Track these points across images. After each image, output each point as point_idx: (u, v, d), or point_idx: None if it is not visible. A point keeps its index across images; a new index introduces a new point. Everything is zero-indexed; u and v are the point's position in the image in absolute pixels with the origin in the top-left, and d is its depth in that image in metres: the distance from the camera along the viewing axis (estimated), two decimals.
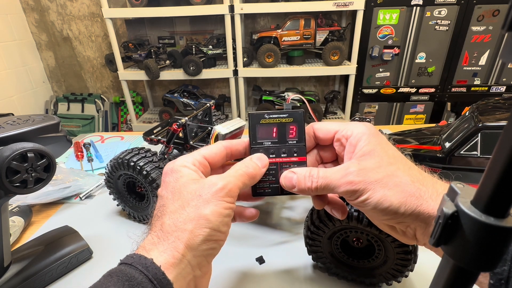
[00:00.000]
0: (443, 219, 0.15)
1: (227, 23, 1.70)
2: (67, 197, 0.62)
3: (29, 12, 2.13)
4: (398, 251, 0.35)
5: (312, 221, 0.38)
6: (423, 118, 2.00)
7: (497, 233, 0.14)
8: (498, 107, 0.51)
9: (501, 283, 0.17)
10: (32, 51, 2.21)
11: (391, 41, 1.79)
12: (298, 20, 1.75)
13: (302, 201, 0.59)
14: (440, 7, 1.69)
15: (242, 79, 1.88)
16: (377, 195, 0.25)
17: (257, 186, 0.31)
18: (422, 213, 0.25)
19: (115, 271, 0.24)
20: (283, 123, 0.31)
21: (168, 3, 1.83)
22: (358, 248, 0.39)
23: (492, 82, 1.86)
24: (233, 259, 0.46)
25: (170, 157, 0.60)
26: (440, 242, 0.15)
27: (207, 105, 0.62)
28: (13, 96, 2.02)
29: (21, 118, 0.37)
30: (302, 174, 0.28)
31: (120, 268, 0.24)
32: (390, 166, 0.26)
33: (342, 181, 0.26)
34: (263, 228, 0.53)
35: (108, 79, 2.33)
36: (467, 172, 0.49)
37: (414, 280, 0.41)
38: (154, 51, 1.87)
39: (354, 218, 0.34)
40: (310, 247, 0.41)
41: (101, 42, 2.21)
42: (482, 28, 1.72)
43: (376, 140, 0.28)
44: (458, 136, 0.49)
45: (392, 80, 1.91)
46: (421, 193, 0.25)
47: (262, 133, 0.31)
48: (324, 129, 0.31)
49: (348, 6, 1.63)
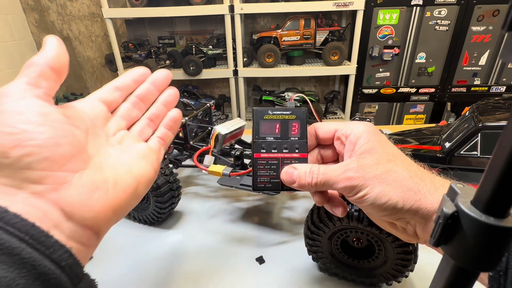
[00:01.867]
0: (443, 219, 0.15)
1: (227, 23, 1.70)
2: None
3: (29, 12, 2.13)
4: (398, 251, 0.35)
5: (312, 221, 0.38)
6: (423, 118, 2.00)
7: (497, 233, 0.14)
8: (498, 107, 0.51)
9: (500, 275, 0.17)
10: (32, 51, 2.21)
11: (391, 41, 1.79)
12: (298, 20, 1.75)
13: (302, 201, 0.60)
14: (440, 7, 1.69)
15: (242, 79, 1.88)
16: (376, 190, 0.25)
17: (258, 181, 0.31)
18: (421, 208, 0.25)
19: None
20: (286, 120, 0.31)
21: (168, 3, 1.83)
22: (358, 248, 0.39)
23: (492, 82, 1.86)
24: (233, 259, 0.46)
25: (170, 157, 0.60)
26: (440, 242, 0.15)
27: (207, 105, 0.62)
28: None
29: None
30: (303, 170, 0.29)
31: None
32: (388, 163, 0.26)
33: (341, 177, 0.27)
34: (263, 228, 0.53)
35: (108, 79, 2.33)
36: (467, 172, 0.49)
37: (414, 280, 0.41)
38: (154, 51, 1.87)
39: (355, 218, 0.34)
40: (310, 247, 0.41)
41: (101, 42, 2.21)
42: (482, 28, 1.72)
43: (376, 138, 0.28)
44: (458, 136, 0.49)
45: (392, 80, 1.91)
46: (420, 187, 0.25)
47: (265, 128, 0.31)
48: (325, 128, 0.31)
49: (348, 6, 1.63)
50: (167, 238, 0.52)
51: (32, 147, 0.20)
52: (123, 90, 0.29)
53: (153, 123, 0.31)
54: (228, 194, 0.62)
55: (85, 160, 0.23)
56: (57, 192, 0.21)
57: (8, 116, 0.20)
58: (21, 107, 0.21)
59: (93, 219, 0.22)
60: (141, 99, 0.30)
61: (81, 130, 0.24)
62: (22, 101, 0.21)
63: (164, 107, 0.31)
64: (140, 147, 0.28)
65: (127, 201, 0.24)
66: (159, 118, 0.31)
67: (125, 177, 0.25)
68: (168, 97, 0.32)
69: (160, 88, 0.31)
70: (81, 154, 0.23)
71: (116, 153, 0.26)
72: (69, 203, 0.21)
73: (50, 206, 0.20)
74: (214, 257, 0.47)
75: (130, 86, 0.30)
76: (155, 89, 0.31)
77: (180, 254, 0.48)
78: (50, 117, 0.21)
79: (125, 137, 0.28)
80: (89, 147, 0.24)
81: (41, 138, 0.20)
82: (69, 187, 0.21)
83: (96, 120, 0.26)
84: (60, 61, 0.23)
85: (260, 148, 0.31)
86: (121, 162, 0.25)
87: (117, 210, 0.24)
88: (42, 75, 0.23)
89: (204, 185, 0.66)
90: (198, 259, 0.47)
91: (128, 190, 0.24)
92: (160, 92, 0.31)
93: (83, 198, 0.21)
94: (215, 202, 0.60)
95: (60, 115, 0.22)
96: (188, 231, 0.53)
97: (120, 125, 0.29)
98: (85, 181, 0.22)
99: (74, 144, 0.22)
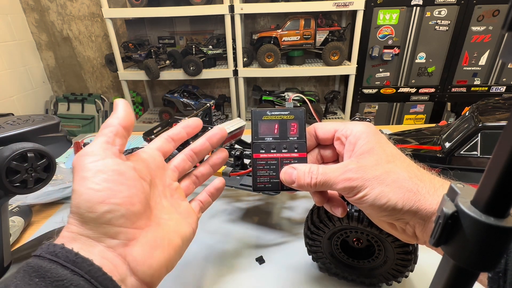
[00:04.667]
0: (443, 219, 0.15)
1: (227, 23, 1.70)
2: (67, 197, 0.62)
3: (29, 12, 2.13)
4: (398, 252, 0.35)
5: (312, 221, 0.38)
6: (423, 118, 2.00)
7: (497, 233, 0.14)
8: (498, 107, 0.51)
9: (499, 276, 0.17)
10: (32, 51, 2.21)
11: (391, 41, 1.79)
12: (298, 20, 1.75)
13: (302, 201, 0.59)
14: (440, 7, 1.70)
15: (242, 79, 1.88)
16: (375, 191, 0.25)
17: (258, 181, 0.31)
18: (420, 209, 0.25)
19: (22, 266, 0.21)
20: (284, 120, 0.32)
21: (168, 3, 1.83)
22: (358, 249, 0.39)
23: (492, 82, 1.86)
24: (233, 259, 0.46)
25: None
26: (440, 242, 0.15)
27: (207, 105, 0.62)
28: (13, 96, 2.02)
29: (21, 118, 0.37)
30: (302, 170, 0.29)
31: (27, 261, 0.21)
32: (388, 163, 0.26)
33: (340, 177, 0.26)
34: (263, 228, 0.53)
35: (108, 79, 2.33)
36: (467, 172, 0.49)
37: (414, 280, 0.41)
38: (154, 51, 1.87)
39: (355, 218, 0.34)
40: (310, 247, 0.41)
41: (101, 42, 2.21)
42: (482, 28, 1.72)
43: (375, 139, 0.28)
44: (458, 136, 0.49)
45: (392, 80, 1.91)
46: (419, 188, 0.25)
47: (264, 129, 0.32)
48: (324, 128, 0.31)
49: (348, 6, 1.63)
50: None
51: (114, 204, 0.23)
52: (176, 141, 0.33)
53: (198, 180, 0.34)
54: (228, 194, 0.62)
55: (149, 217, 0.25)
56: (127, 248, 0.23)
57: (94, 174, 0.23)
58: (104, 166, 0.24)
59: (152, 276, 0.24)
60: (196, 153, 0.33)
61: (146, 183, 0.27)
62: (104, 161, 0.24)
63: (211, 168, 0.34)
64: (184, 206, 0.30)
65: (176, 258, 0.27)
66: (203, 178, 0.34)
67: (174, 236, 0.27)
68: (216, 159, 0.34)
69: (214, 145, 0.34)
70: (147, 211, 0.25)
71: (169, 207, 0.28)
72: (135, 259, 0.23)
73: (119, 261, 0.23)
74: (214, 257, 0.47)
75: (183, 137, 0.33)
76: (209, 146, 0.33)
77: None
78: (126, 176, 0.24)
79: (178, 190, 0.31)
80: (152, 198, 0.27)
81: (120, 196, 0.23)
82: (137, 243, 0.24)
83: (157, 170, 0.29)
84: (129, 120, 0.27)
85: (259, 149, 0.31)
86: (173, 221, 0.28)
87: (168, 267, 0.26)
88: (117, 134, 0.26)
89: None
90: (198, 259, 0.47)
91: (176, 248, 0.26)
92: (213, 147, 0.34)
93: (146, 255, 0.24)
94: (215, 202, 0.60)
95: (133, 172, 0.25)
96: None
97: (174, 176, 0.31)
98: (149, 239, 0.24)
99: (144, 202, 0.25)
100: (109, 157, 0.24)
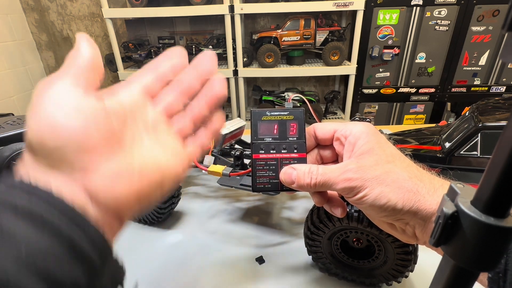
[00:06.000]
0: (443, 219, 0.15)
1: (227, 23, 1.70)
2: None
3: (29, 12, 2.13)
4: (398, 252, 0.35)
5: (312, 221, 0.38)
6: (423, 118, 2.00)
7: (497, 233, 0.14)
8: (498, 107, 0.51)
9: (499, 276, 0.17)
10: (32, 51, 2.21)
11: (391, 41, 1.79)
12: (298, 20, 1.75)
13: (302, 201, 0.59)
14: (440, 7, 1.69)
15: (242, 79, 1.88)
16: (375, 191, 0.25)
17: (257, 181, 0.31)
18: (420, 210, 0.25)
19: None
20: (284, 120, 0.31)
21: (168, 3, 1.83)
22: (358, 249, 0.39)
23: (492, 82, 1.86)
24: (233, 259, 0.46)
25: None
26: (440, 242, 0.15)
27: None
28: (13, 96, 2.02)
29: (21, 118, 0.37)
30: (302, 170, 0.29)
31: None
32: (387, 164, 0.26)
33: (340, 178, 0.26)
34: (263, 228, 0.53)
35: (108, 79, 2.33)
36: (467, 172, 0.49)
37: (414, 281, 0.41)
38: (154, 51, 1.87)
39: (354, 218, 0.34)
40: (310, 247, 0.41)
41: (101, 42, 2.21)
42: (482, 28, 1.72)
43: (375, 139, 0.28)
44: (458, 136, 0.49)
45: (392, 80, 1.91)
46: (419, 188, 0.25)
47: (264, 129, 0.31)
48: (324, 128, 0.31)
49: (348, 6, 1.63)
50: (167, 238, 0.52)
51: (65, 139, 0.22)
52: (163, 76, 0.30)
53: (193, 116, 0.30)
54: (228, 194, 0.62)
55: (115, 150, 0.24)
56: (85, 177, 0.22)
57: (47, 107, 0.22)
58: (61, 98, 0.22)
59: (116, 203, 0.23)
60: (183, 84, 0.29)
61: (118, 119, 0.25)
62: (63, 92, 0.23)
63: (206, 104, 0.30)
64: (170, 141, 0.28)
65: (151, 191, 0.25)
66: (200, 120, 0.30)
67: (151, 168, 0.25)
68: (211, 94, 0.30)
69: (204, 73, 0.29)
70: (112, 144, 0.24)
71: (150, 142, 0.27)
72: (95, 187, 0.22)
73: (78, 189, 0.22)
74: (214, 257, 0.47)
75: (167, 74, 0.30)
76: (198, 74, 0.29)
77: (180, 254, 0.48)
78: (85, 110, 0.23)
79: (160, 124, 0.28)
80: (126, 134, 0.25)
81: (73, 129, 0.22)
82: (96, 173, 0.23)
83: (135, 107, 0.27)
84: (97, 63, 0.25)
85: (259, 149, 0.31)
86: (151, 153, 0.26)
87: (140, 198, 0.25)
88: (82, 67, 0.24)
89: (204, 185, 0.66)
90: (198, 259, 0.47)
91: (152, 181, 0.25)
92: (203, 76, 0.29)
93: (107, 183, 0.23)
94: (215, 202, 0.60)
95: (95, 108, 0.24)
96: (188, 231, 0.53)
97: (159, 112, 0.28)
98: (111, 169, 0.23)
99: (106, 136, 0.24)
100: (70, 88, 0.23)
